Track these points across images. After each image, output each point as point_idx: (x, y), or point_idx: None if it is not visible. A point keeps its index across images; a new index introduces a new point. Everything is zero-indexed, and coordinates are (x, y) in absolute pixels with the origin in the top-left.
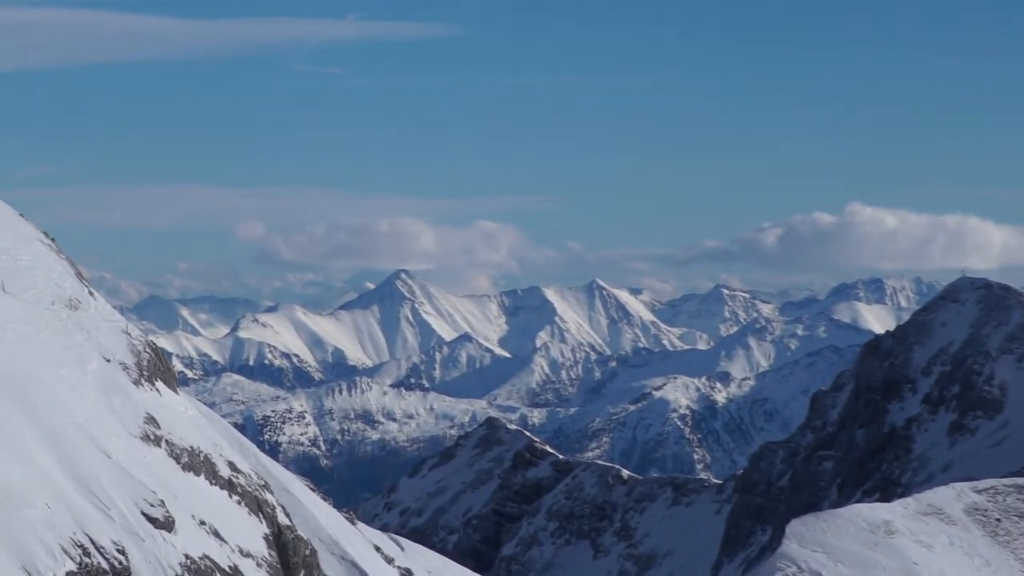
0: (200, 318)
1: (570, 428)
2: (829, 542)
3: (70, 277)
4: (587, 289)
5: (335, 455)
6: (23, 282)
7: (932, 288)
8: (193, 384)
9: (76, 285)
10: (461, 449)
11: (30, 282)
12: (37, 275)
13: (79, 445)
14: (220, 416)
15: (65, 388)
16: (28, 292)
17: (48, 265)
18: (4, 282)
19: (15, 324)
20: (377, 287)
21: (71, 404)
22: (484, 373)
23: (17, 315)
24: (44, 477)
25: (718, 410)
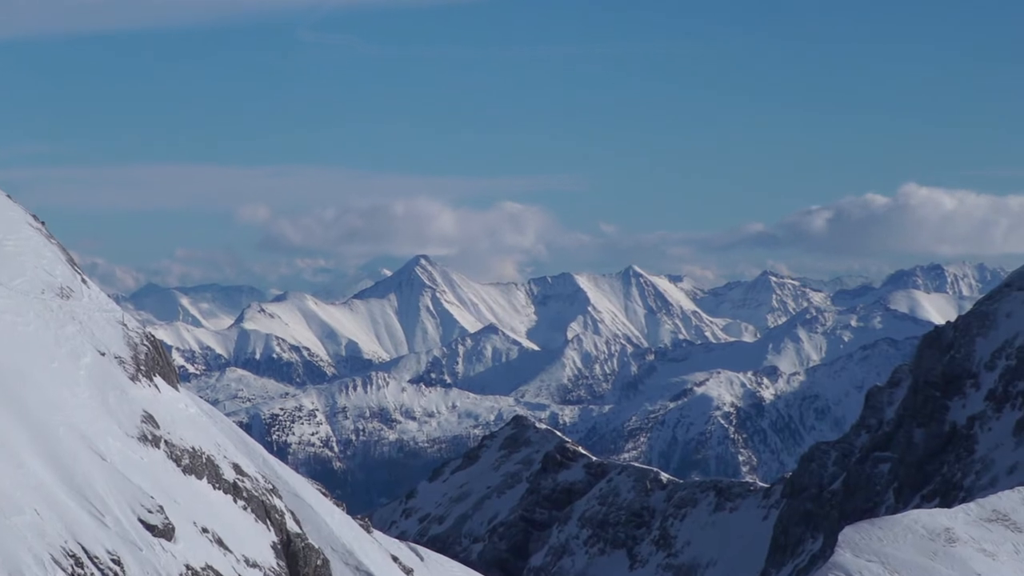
0: (202, 308)
1: (604, 427)
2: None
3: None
4: (623, 276)
5: (349, 457)
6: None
7: (996, 275)
8: (194, 380)
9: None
10: (486, 450)
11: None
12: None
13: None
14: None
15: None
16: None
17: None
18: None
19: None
20: (394, 274)
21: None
22: (511, 367)
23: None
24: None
25: (765, 408)
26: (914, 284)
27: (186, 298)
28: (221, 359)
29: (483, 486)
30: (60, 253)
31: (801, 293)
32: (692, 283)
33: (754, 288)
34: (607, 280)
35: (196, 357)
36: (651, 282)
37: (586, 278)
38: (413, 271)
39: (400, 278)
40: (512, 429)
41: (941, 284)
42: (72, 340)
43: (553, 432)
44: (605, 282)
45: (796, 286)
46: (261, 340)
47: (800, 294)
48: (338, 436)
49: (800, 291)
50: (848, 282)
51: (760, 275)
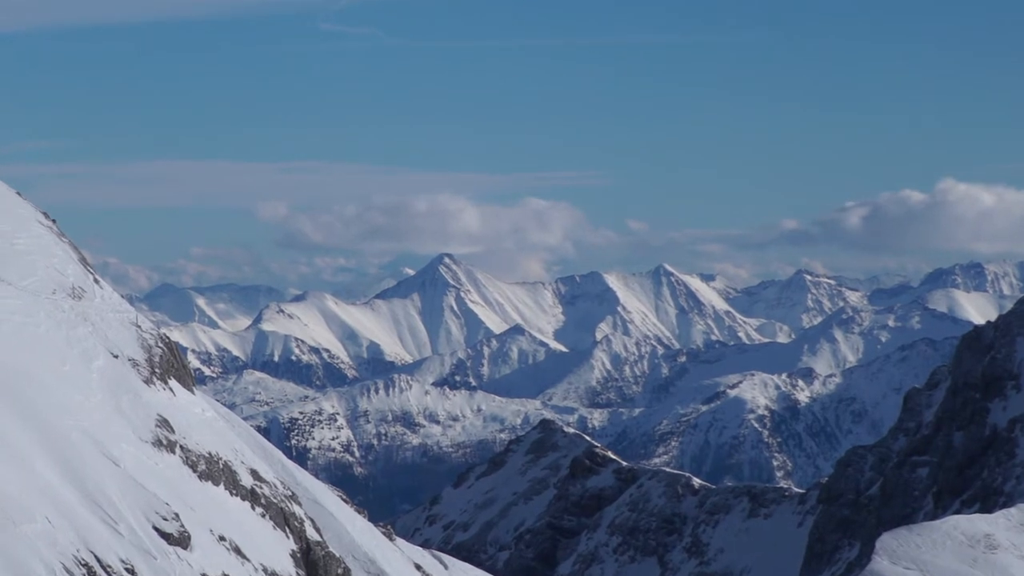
0: (218, 308)
1: (634, 431)
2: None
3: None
4: (653, 275)
5: (371, 462)
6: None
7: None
8: (211, 383)
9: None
10: (512, 455)
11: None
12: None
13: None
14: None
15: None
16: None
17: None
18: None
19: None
20: (417, 273)
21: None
22: (538, 370)
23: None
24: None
25: (800, 411)
26: (953, 283)
27: (202, 298)
28: (238, 361)
29: (509, 492)
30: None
31: (837, 292)
32: (725, 282)
33: (788, 287)
34: (637, 279)
35: (212, 359)
36: (682, 281)
37: (615, 277)
38: (437, 270)
39: (423, 277)
40: (539, 433)
41: (981, 283)
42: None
43: (581, 436)
44: (635, 281)
45: (832, 285)
46: (280, 342)
47: (836, 293)
48: (359, 441)
49: (836, 290)
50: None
51: (795, 274)
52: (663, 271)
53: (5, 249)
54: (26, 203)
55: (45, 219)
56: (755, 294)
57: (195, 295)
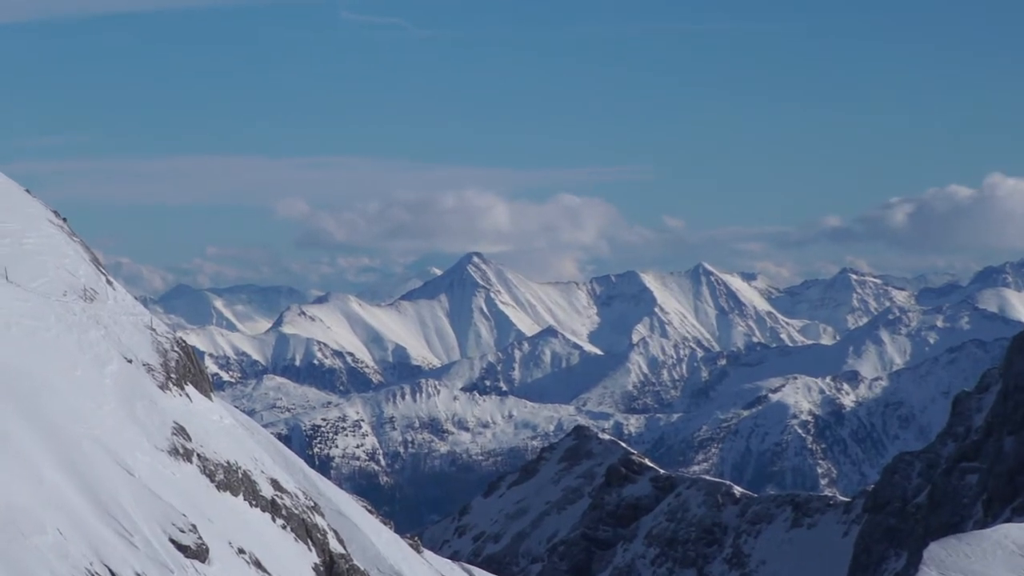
0: (237, 310)
1: (673, 438)
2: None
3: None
4: (692, 274)
5: (397, 471)
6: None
7: None
8: (229, 388)
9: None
10: (545, 463)
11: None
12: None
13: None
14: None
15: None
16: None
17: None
18: (6, 269)
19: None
20: (445, 273)
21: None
22: (571, 374)
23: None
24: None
25: (845, 415)
26: (1004, 281)
27: (219, 300)
28: (258, 366)
29: (542, 502)
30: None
31: (883, 292)
32: (766, 281)
33: (833, 287)
34: (675, 279)
35: (231, 364)
36: (722, 280)
37: (652, 276)
38: (465, 270)
39: (451, 277)
40: (573, 440)
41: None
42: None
43: (617, 443)
44: (673, 281)
45: (878, 284)
46: (301, 345)
47: (882, 293)
48: (385, 448)
49: (882, 290)
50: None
51: (839, 273)
52: (702, 270)
53: (14, 249)
54: (35, 201)
55: (55, 218)
56: (798, 294)
57: (212, 297)
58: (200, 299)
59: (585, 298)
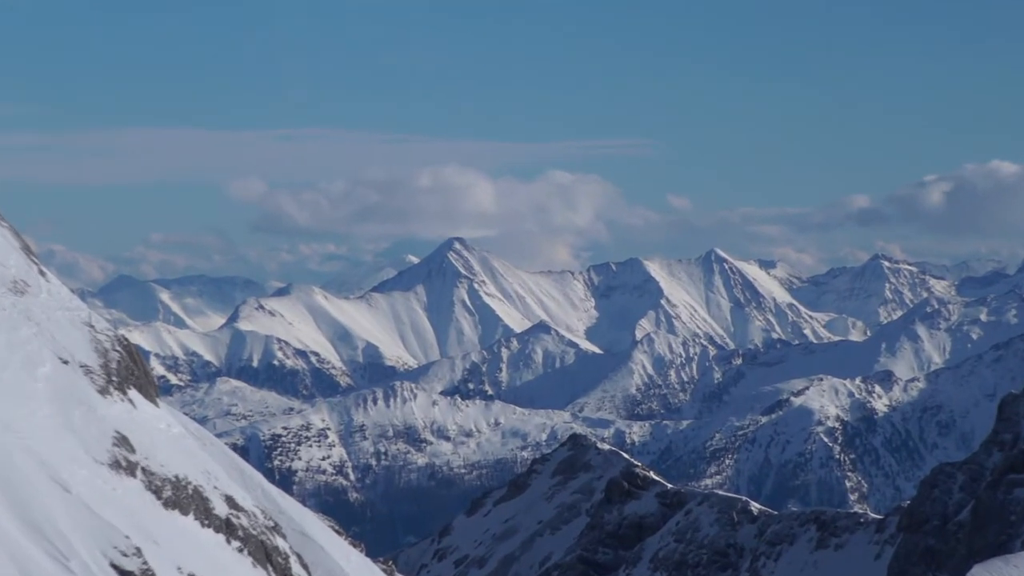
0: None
1: (681, 447)
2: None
3: (14, 251)
4: (703, 262)
5: (368, 486)
6: None
7: None
8: (178, 393)
9: (22, 262)
10: (537, 477)
11: None
12: None
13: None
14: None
15: (8, 399)
16: None
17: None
18: None
19: None
20: (422, 261)
21: (16, 421)
22: (566, 375)
23: None
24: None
25: (877, 422)
26: None
27: (166, 292)
28: (210, 367)
29: (533, 521)
30: (12, 238)
31: (919, 281)
32: (787, 270)
33: (862, 275)
34: (684, 266)
35: (180, 365)
36: (737, 269)
37: (658, 264)
38: (445, 257)
39: (429, 266)
40: (568, 451)
41: None
42: (27, 345)
43: (618, 454)
44: (681, 269)
45: (913, 272)
46: (259, 343)
47: (918, 282)
48: (355, 461)
49: (918, 279)
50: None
51: (869, 260)
52: (714, 257)
53: None
54: None
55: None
56: (823, 284)
57: (158, 289)
58: (144, 292)
59: (581, 289)
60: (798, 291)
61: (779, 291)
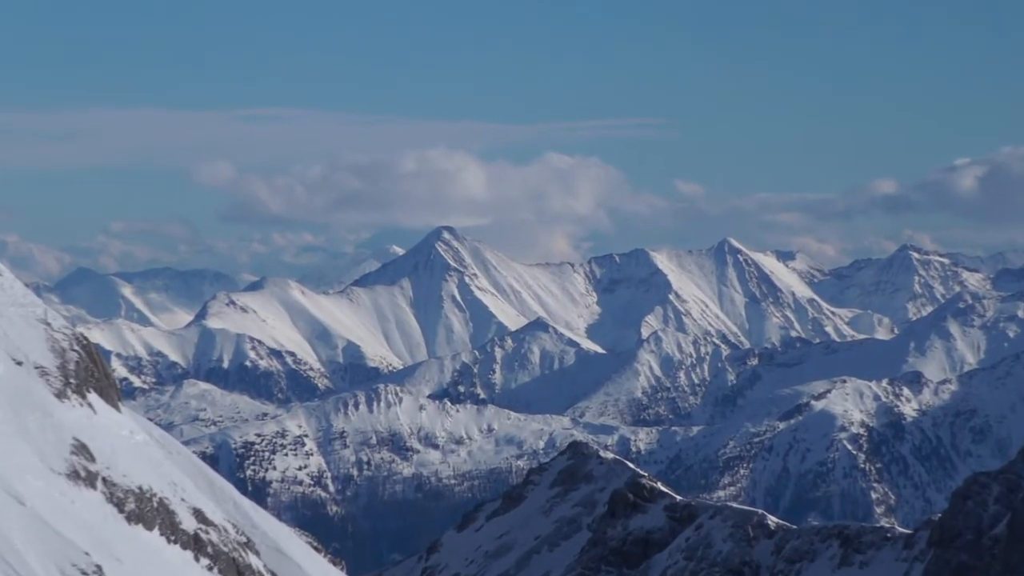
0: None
1: (692, 456)
2: None
3: None
4: (715, 253)
5: (349, 498)
6: None
7: None
8: (142, 396)
9: None
10: (534, 488)
11: None
12: None
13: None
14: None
15: None
16: None
17: None
18: None
19: None
20: (408, 253)
21: None
22: (566, 376)
23: None
24: None
25: (906, 427)
26: None
27: (128, 287)
28: (177, 368)
29: (530, 536)
30: None
31: (952, 274)
32: (807, 261)
33: (889, 268)
34: (694, 258)
35: (144, 366)
36: (753, 260)
37: (666, 256)
38: (433, 248)
39: (415, 258)
40: (568, 459)
41: None
42: None
43: (623, 463)
44: (691, 261)
45: (945, 264)
46: (230, 342)
47: (950, 275)
48: (334, 471)
49: (950, 271)
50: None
51: (897, 251)
52: (728, 248)
53: None
54: None
55: None
56: (846, 277)
57: (120, 283)
58: (105, 286)
59: (582, 283)
60: (819, 285)
61: (798, 285)
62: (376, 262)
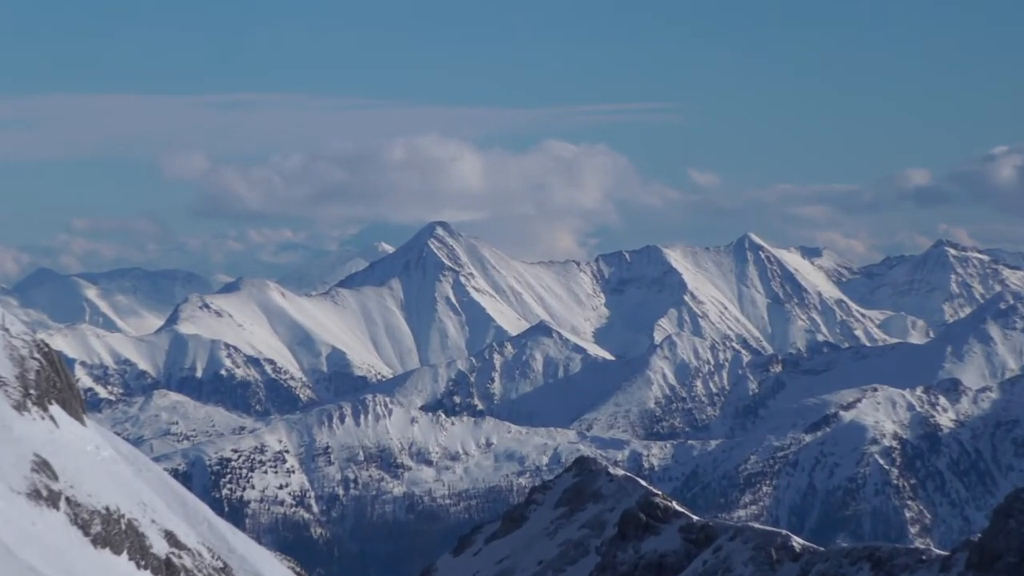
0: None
1: (710, 472)
2: None
3: None
4: (734, 249)
5: (335, 519)
6: None
7: None
8: (109, 409)
9: None
10: (537, 508)
11: None
12: None
13: None
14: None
15: None
16: None
17: None
18: None
19: None
20: (398, 251)
21: None
22: (571, 386)
23: None
24: None
25: (942, 439)
26: None
27: (93, 289)
28: (146, 377)
29: (533, 561)
30: None
31: (992, 272)
32: (835, 258)
33: (924, 265)
34: (711, 255)
35: (110, 375)
36: (775, 258)
37: (680, 253)
38: (425, 246)
39: (406, 256)
40: (574, 477)
41: None
42: None
43: (635, 480)
44: (708, 258)
45: (984, 262)
46: (204, 349)
47: (990, 273)
48: (318, 490)
49: (990, 269)
50: None
51: (932, 246)
52: (748, 243)
53: None
54: None
55: None
56: (878, 276)
57: (84, 284)
58: (67, 288)
59: (589, 283)
60: (847, 284)
61: (825, 284)
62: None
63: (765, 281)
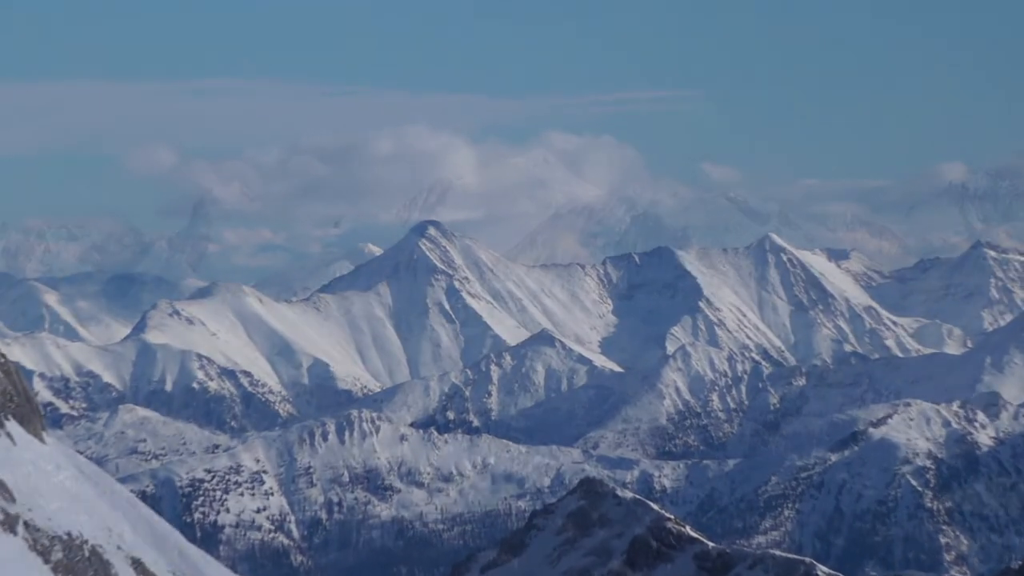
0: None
1: (727, 494)
2: None
3: None
4: (754, 252)
5: (318, 546)
6: None
7: None
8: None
9: None
10: (538, 534)
11: None
12: None
13: None
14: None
15: None
16: None
17: None
18: None
19: None
20: (386, 252)
21: None
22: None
23: None
24: None
25: (980, 459)
26: None
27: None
28: (111, 391)
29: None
30: None
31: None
32: (863, 261)
33: (960, 269)
34: (729, 257)
35: (72, 388)
36: (799, 260)
37: (695, 255)
38: (416, 247)
39: (395, 258)
40: (580, 500)
41: None
42: None
43: (645, 503)
44: (726, 261)
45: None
46: (174, 360)
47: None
48: (299, 513)
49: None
50: None
51: (970, 248)
52: (769, 245)
53: None
54: None
55: None
56: (910, 280)
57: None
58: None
59: (595, 288)
60: (877, 289)
61: (853, 289)
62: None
63: (787, 286)
